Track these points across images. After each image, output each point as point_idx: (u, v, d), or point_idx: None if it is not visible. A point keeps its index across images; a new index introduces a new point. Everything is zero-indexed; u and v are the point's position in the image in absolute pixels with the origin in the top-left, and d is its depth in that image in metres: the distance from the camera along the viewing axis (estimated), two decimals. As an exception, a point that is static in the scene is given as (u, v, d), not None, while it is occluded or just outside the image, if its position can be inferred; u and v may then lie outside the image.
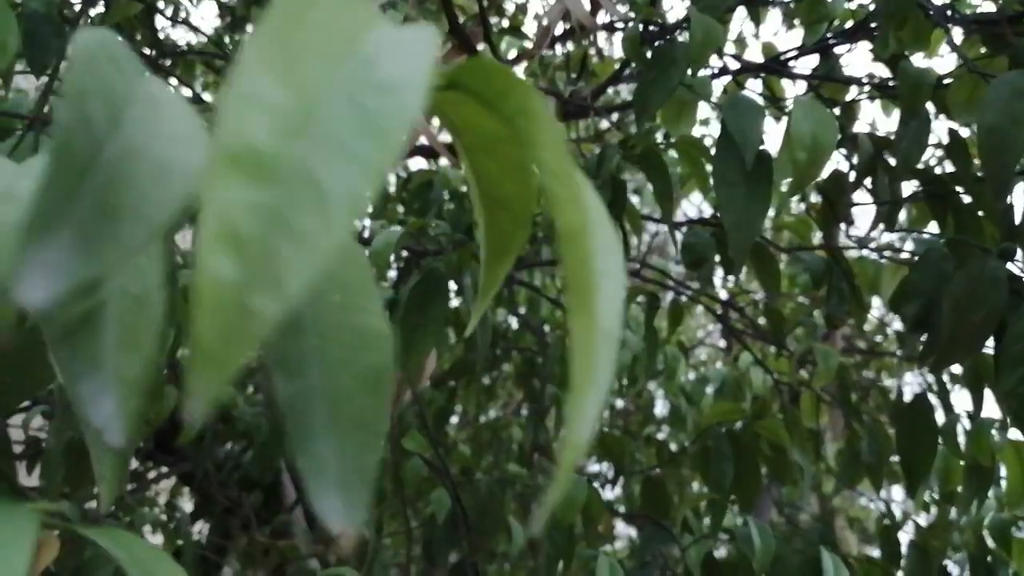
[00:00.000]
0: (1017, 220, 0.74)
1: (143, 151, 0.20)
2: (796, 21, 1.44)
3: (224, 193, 0.15)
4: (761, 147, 0.74)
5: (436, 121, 1.25)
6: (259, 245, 0.15)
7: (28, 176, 0.29)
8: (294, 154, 0.16)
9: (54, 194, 0.18)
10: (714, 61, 1.05)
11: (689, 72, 0.80)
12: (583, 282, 0.19)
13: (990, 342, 0.73)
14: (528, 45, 1.82)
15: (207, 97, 2.00)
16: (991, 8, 0.99)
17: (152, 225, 0.19)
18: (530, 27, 2.24)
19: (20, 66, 0.89)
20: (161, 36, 1.41)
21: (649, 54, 0.86)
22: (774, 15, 1.64)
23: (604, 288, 0.19)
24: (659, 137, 1.05)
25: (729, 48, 1.90)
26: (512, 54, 1.91)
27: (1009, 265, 0.73)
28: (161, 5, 1.51)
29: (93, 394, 0.23)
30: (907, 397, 1.03)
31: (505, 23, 2.05)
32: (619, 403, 2.29)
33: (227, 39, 1.97)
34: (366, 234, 1.43)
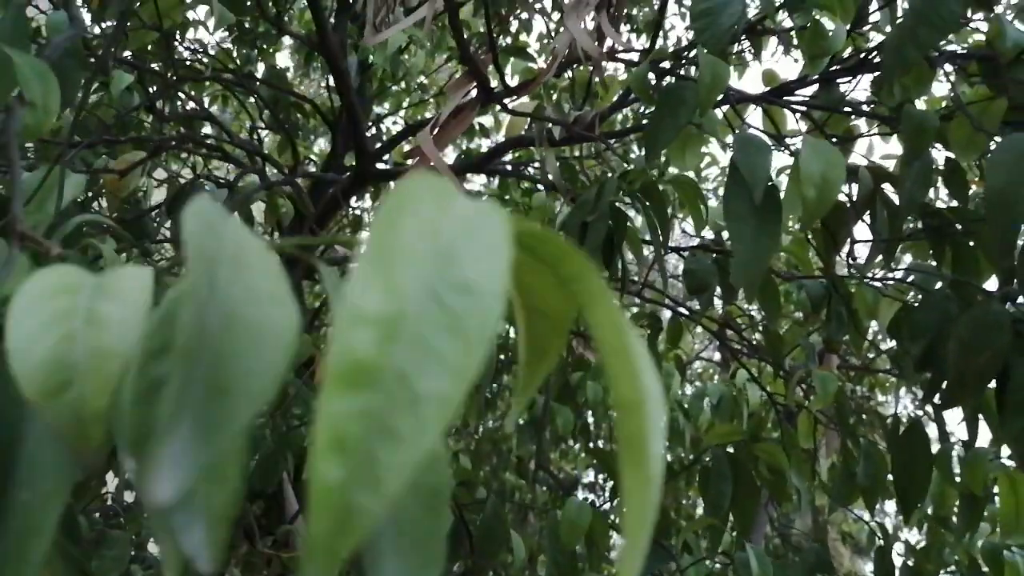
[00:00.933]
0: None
1: (236, 315, 0.21)
2: (795, 49, 1.45)
3: (333, 404, 0.17)
4: (769, 183, 0.75)
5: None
6: (362, 448, 0.17)
7: (103, 296, 0.29)
8: (389, 361, 0.17)
9: (179, 381, 0.19)
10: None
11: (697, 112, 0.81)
12: (638, 447, 0.21)
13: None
14: (533, 66, 1.84)
15: (215, 110, 2.00)
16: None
17: (257, 400, 0.20)
18: (533, 44, 2.25)
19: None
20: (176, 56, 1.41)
21: (656, 90, 0.88)
22: (773, 39, 1.65)
23: (654, 453, 0.21)
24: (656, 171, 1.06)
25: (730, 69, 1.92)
26: (516, 73, 1.92)
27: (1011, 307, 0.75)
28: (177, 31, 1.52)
29: (184, 525, 0.24)
30: (903, 419, 1.05)
31: (510, 40, 2.07)
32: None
33: (234, 52, 1.98)
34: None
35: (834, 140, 1.16)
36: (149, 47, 1.31)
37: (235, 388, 0.20)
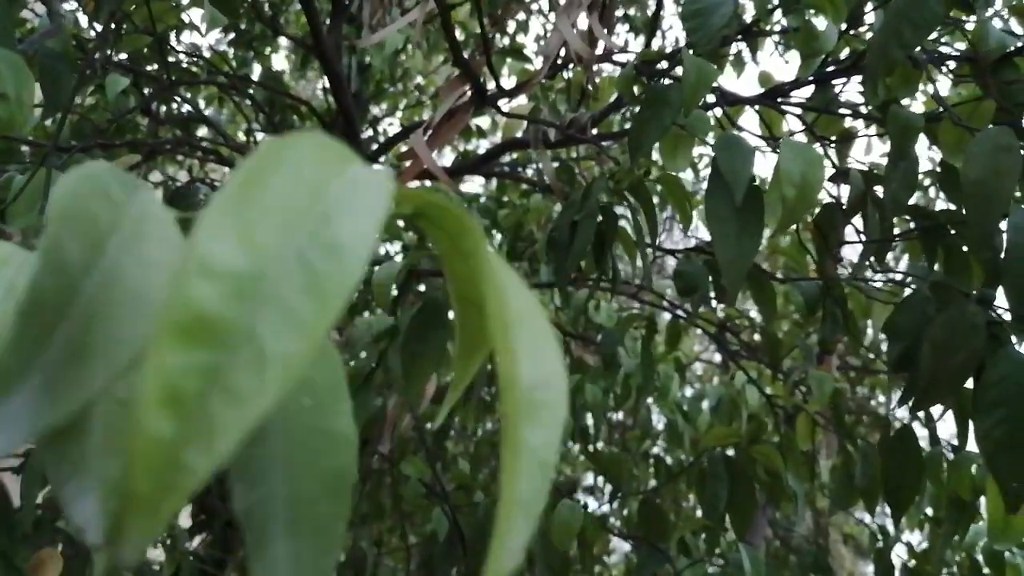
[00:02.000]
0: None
1: (122, 279, 0.22)
2: (790, 50, 1.46)
3: (166, 358, 0.16)
4: (753, 183, 0.77)
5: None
6: (197, 405, 0.16)
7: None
8: (240, 317, 0.17)
9: (22, 343, 0.19)
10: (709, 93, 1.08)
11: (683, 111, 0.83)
12: (513, 431, 0.20)
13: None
14: (529, 67, 1.85)
15: (209, 112, 2.03)
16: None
17: (116, 366, 0.20)
18: (530, 44, 2.27)
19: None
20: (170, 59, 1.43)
21: (642, 91, 0.89)
22: (770, 40, 1.66)
23: (527, 439, 0.20)
24: (643, 169, 1.08)
25: (728, 69, 1.93)
26: (513, 74, 1.94)
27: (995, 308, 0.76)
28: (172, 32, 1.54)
29: (77, 496, 0.25)
30: (893, 422, 1.06)
31: (507, 40, 2.08)
32: (618, 416, 2.31)
33: (230, 54, 2.00)
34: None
35: (831, 141, 1.18)
36: (144, 50, 1.33)
37: (99, 350, 0.20)
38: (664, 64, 1.09)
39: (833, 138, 1.18)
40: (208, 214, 0.17)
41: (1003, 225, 0.72)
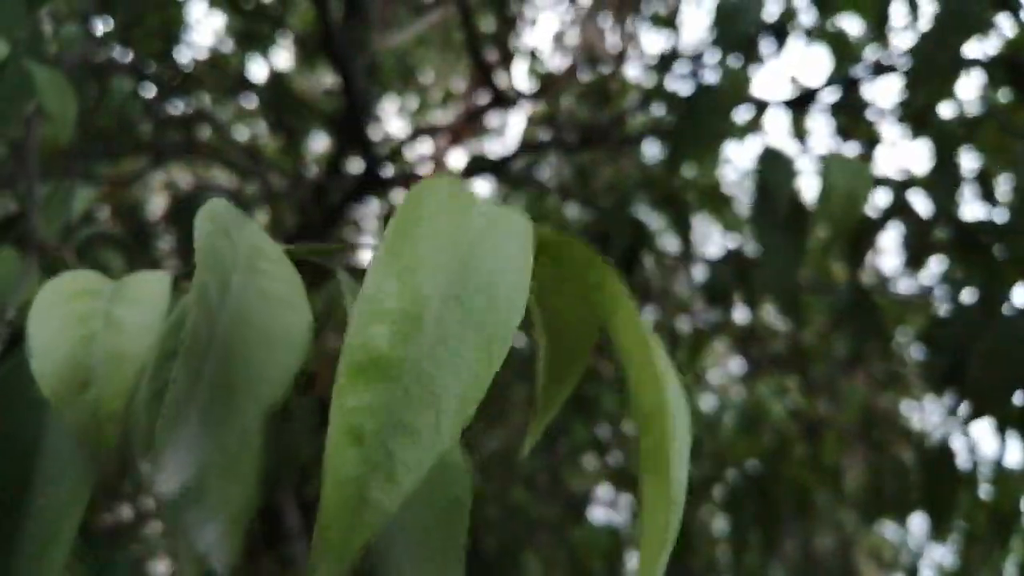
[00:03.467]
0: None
1: (249, 318, 0.23)
2: (818, 41, 1.47)
3: (348, 397, 0.18)
4: (795, 197, 0.78)
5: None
6: (378, 442, 0.17)
7: (122, 300, 0.31)
8: (408, 357, 0.18)
9: (184, 383, 0.21)
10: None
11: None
12: (659, 459, 0.22)
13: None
14: (543, 67, 1.86)
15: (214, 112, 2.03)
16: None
17: (264, 402, 0.21)
18: (539, 42, 2.27)
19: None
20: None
21: (677, 99, 0.90)
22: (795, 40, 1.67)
23: (676, 465, 0.22)
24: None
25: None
26: (530, 75, 1.94)
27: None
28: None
29: (198, 523, 0.26)
30: (930, 434, 1.06)
31: (518, 39, 2.08)
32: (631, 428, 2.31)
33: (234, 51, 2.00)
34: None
35: (858, 145, 1.18)
36: (152, 52, 1.33)
37: (243, 388, 0.21)
38: (692, 68, 1.10)
39: (860, 143, 1.18)
40: (374, 262, 0.19)
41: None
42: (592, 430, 1.68)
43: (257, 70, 2.03)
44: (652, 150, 1.68)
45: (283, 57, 2.21)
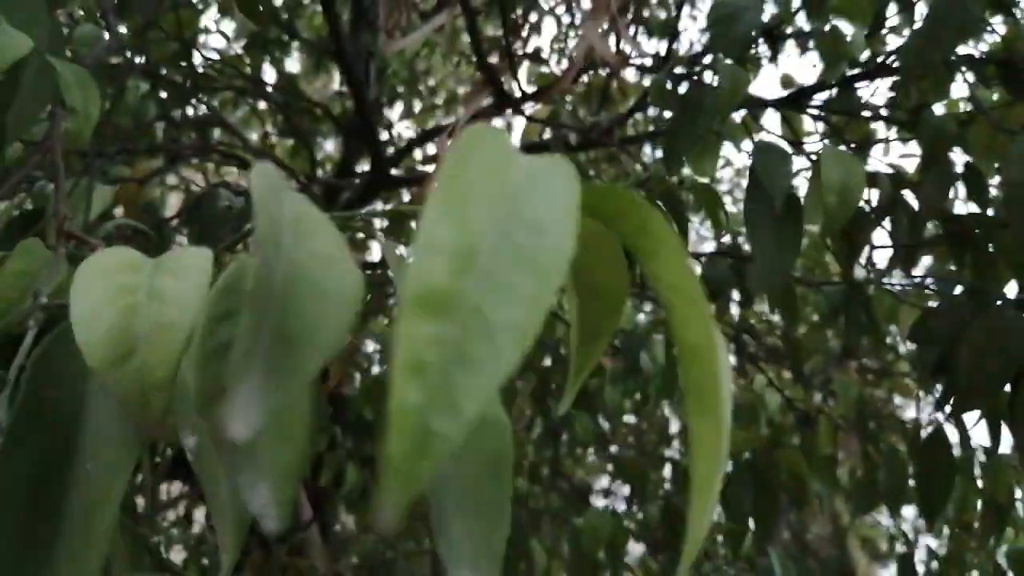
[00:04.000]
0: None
1: (302, 274, 0.23)
2: (812, 51, 1.47)
3: (411, 329, 0.18)
4: (790, 192, 0.78)
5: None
6: (440, 373, 0.17)
7: (164, 272, 0.31)
8: (464, 290, 0.18)
9: (249, 332, 0.21)
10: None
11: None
12: (709, 393, 0.22)
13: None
14: (546, 70, 1.86)
15: (230, 117, 2.03)
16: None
17: (324, 351, 0.22)
18: (544, 45, 2.27)
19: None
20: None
21: (674, 98, 0.90)
22: (790, 42, 1.67)
23: (723, 397, 0.22)
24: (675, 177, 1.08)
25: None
26: (531, 76, 1.94)
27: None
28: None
29: (251, 483, 0.26)
30: (924, 425, 1.06)
31: (520, 42, 2.09)
32: (630, 419, 2.32)
33: (247, 58, 2.00)
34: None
35: (852, 145, 1.18)
36: (167, 55, 1.34)
37: (301, 338, 0.21)
38: (688, 69, 1.10)
39: (854, 143, 1.18)
40: (428, 204, 0.19)
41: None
42: (594, 423, 1.69)
43: (268, 74, 2.03)
44: (651, 151, 1.68)
45: (293, 61, 2.22)
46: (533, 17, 2.15)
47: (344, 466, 1.57)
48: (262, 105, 2.00)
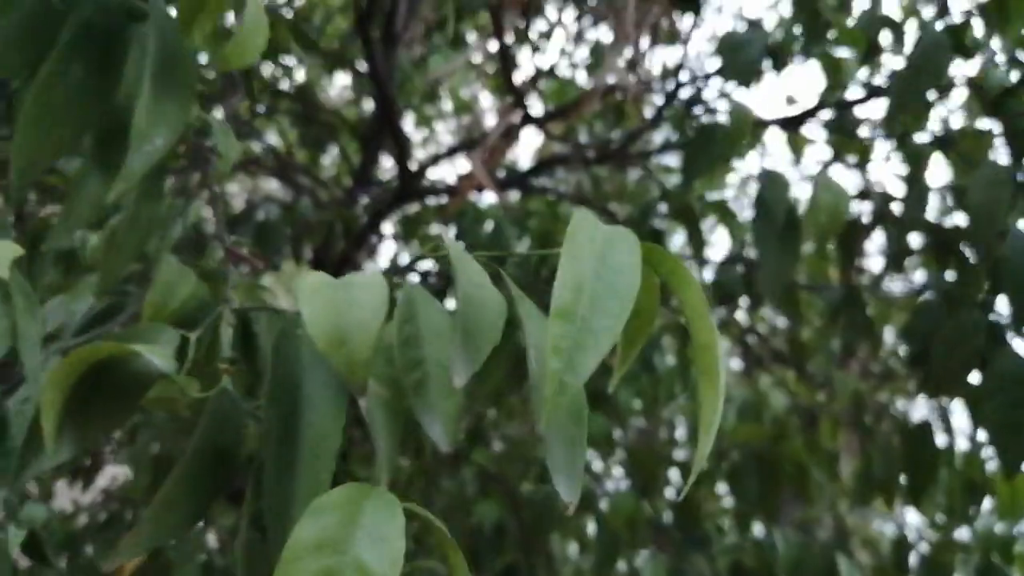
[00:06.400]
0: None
1: (474, 294, 0.42)
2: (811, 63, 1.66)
3: (555, 329, 0.36)
4: (791, 210, 0.97)
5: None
6: (568, 355, 0.36)
7: (354, 288, 0.50)
8: (579, 308, 0.37)
9: (465, 334, 0.40)
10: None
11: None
12: (712, 374, 0.41)
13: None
14: (559, 81, 2.05)
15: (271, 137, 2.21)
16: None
17: (490, 343, 0.41)
18: (552, 51, 2.45)
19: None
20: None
21: (688, 124, 1.09)
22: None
23: (720, 374, 0.41)
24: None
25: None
26: (550, 93, 2.13)
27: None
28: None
29: (431, 422, 0.45)
30: (915, 420, 1.25)
31: (530, 52, 2.27)
32: (638, 423, 2.50)
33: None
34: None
35: (853, 163, 1.38)
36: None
37: (478, 333, 0.40)
38: (696, 92, 1.29)
39: (853, 161, 1.38)
40: (561, 261, 0.38)
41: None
42: (607, 425, 1.87)
43: (286, 83, 2.21)
44: (666, 163, 1.87)
45: (309, 70, 2.39)
46: (544, 26, 2.34)
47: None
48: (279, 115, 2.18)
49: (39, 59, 0.49)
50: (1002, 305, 0.94)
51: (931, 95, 1.03)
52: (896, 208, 1.17)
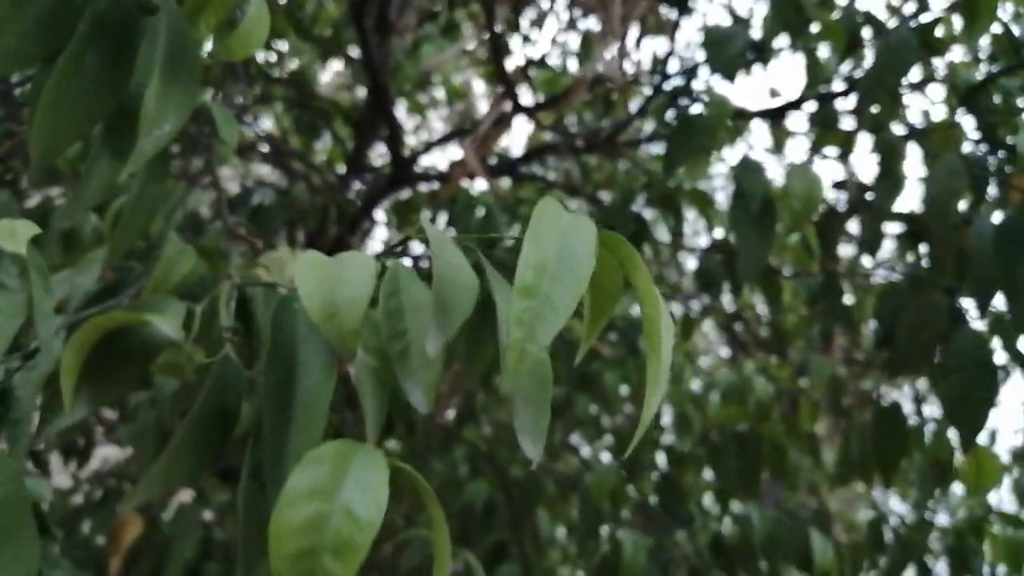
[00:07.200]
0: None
1: (448, 273, 0.47)
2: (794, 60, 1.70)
3: (518, 303, 0.41)
4: (767, 197, 1.01)
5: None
6: (529, 324, 0.41)
7: (345, 267, 0.54)
8: (540, 285, 0.42)
9: (440, 309, 0.45)
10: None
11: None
12: (656, 344, 0.45)
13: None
14: (548, 72, 2.09)
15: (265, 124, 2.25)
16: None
17: (462, 317, 0.45)
18: (541, 41, 2.49)
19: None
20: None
21: (671, 112, 1.13)
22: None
23: (665, 347, 0.45)
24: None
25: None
26: (539, 82, 2.17)
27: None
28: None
29: (412, 388, 0.50)
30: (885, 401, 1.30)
31: (519, 40, 2.32)
32: (627, 409, 2.56)
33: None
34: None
35: (831, 153, 1.43)
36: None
37: (451, 308, 0.45)
38: (684, 84, 1.33)
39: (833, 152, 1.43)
40: (525, 240, 0.43)
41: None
42: (591, 406, 1.92)
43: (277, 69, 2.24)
44: (650, 151, 1.92)
45: (303, 57, 2.43)
46: (533, 15, 2.38)
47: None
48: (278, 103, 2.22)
49: (57, 50, 0.53)
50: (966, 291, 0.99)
51: (904, 89, 1.08)
52: (870, 197, 1.22)
